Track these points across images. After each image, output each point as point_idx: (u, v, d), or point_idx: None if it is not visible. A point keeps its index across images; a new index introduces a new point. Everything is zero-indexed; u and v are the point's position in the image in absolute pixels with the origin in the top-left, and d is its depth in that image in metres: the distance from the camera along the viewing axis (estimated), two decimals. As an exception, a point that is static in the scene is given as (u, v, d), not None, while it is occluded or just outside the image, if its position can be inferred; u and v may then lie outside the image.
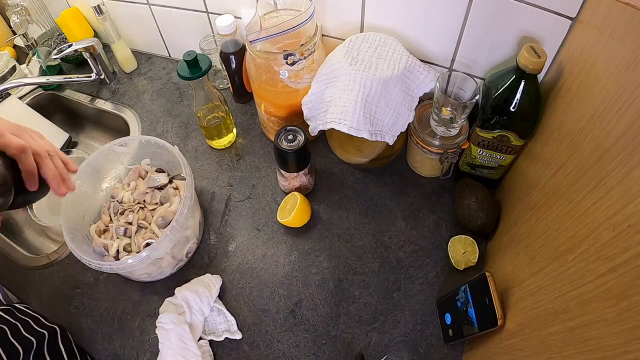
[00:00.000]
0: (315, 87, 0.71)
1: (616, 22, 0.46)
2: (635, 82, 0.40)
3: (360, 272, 0.70)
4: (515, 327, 0.50)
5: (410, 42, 0.74)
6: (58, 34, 1.05)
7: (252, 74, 0.75)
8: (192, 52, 0.72)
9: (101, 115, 1.03)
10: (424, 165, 0.78)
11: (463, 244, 0.70)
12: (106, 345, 0.66)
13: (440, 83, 0.66)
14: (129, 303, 0.70)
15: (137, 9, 0.95)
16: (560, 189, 0.50)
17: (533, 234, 0.55)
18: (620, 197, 0.37)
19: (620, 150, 0.39)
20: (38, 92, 1.04)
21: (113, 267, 0.60)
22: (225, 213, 0.79)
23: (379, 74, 0.66)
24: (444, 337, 0.63)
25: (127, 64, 1.04)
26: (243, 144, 0.89)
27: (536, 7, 0.59)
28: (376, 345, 0.64)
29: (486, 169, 0.74)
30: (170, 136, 0.92)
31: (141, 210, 0.72)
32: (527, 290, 0.50)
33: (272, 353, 0.64)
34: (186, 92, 0.99)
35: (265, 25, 0.72)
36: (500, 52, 0.68)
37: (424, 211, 0.76)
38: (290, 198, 0.75)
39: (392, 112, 0.68)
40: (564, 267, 0.43)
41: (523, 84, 0.60)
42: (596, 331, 0.35)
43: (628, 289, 0.32)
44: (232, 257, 0.73)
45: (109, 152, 0.73)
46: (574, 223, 0.44)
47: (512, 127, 0.64)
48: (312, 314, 0.67)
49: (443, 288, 0.68)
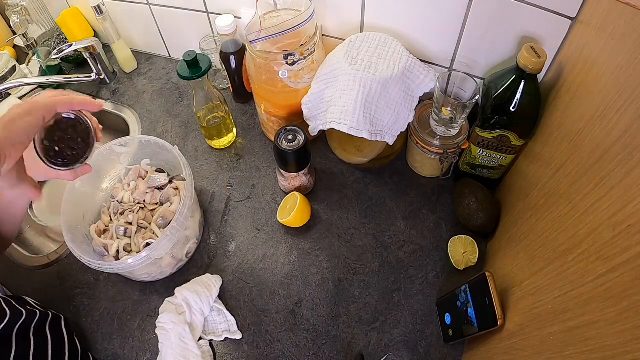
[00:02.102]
0: (315, 87, 0.71)
1: (616, 22, 0.46)
2: (635, 82, 0.40)
3: (360, 272, 0.70)
4: (515, 327, 0.50)
5: (410, 42, 0.74)
6: (58, 34, 1.05)
7: (252, 74, 0.75)
8: (192, 52, 0.72)
9: (101, 115, 1.02)
10: (424, 165, 0.78)
11: (463, 244, 0.70)
12: (106, 345, 0.66)
13: (440, 83, 0.66)
14: (129, 303, 0.70)
15: (137, 9, 0.95)
16: (560, 189, 0.50)
17: (533, 234, 0.55)
18: (620, 197, 0.37)
19: (620, 150, 0.39)
20: (38, 92, 1.04)
21: (113, 267, 0.60)
22: (225, 213, 0.79)
23: (379, 74, 0.65)
24: (444, 337, 0.63)
25: (127, 64, 1.04)
26: (243, 144, 0.89)
27: (536, 7, 0.59)
28: (376, 345, 0.64)
29: (486, 169, 0.74)
30: (170, 136, 0.92)
31: (141, 211, 0.72)
32: (527, 290, 0.50)
33: (272, 353, 0.64)
34: (186, 92, 0.99)
35: (265, 25, 0.72)
36: (500, 52, 0.68)
37: (424, 211, 0.76)
38: (290, 198, 0.75)
39: (392, 112, 0.68)
40: (564, 267, 0.43)
41: (523, 84, 0.60)
42: (596, 331, 0.35)
43: (628, 289, 0.32)
44: (232, 257, 0.73)
45: (109, 152, 0.73)
46: (574, 223, 0.44)
47: (512, 127, 0.64)
48: (312, 314, 0.67)
49: (443, 288, 0.68)
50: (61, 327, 0.62)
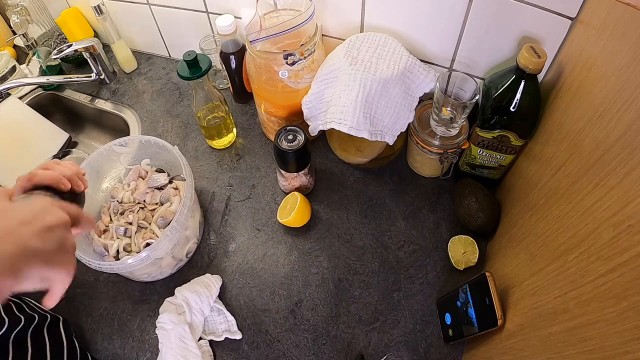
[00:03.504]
0: (315, 87, 0.71)
1: (616, 22, 0.46)
2: (635, 82, 0.40)
3: (360, 272, 0.70)
4: (515, 327, 0.50)
5: (410, 42, 0.74)
6: (58, 34, 1.05)
7: (252, 74, 0.75)
8: (192, 52, 0.72)
9: (101, 115, 1.03)
10: (424, 165, 0.78)
11: (463, 244, 0.70)
12: (106, 345, 0.66)
13: (440, 83, 0.66)
14: (129, 303, 0.70)
15: (137, 9, 0.95)
16: (560, 189, 0.50)
17: (533, 234, 0.55)
18: (620, 197, 0.37)
19: (620, 150, 0.39)
20: (38, 92, 1.04)
21: (113, 267, 0.60)
22: (225, 213, 0.79)
23: (379, 74, 0.65)
24: (444, 337, 0.63)
25: (127, 64, 1.04)
26: (243, 144, 0.89)
27: (536, 7, 0.59)
28: (376, 345, 0.64)
29: (486, 169, 0.74)
30: (170, 136, 0.92)
31: (141, 211, 0.72)
32: (527, 290, 0.50)
33: (272, 353, 0.64)
34: (186, 92, 0.99)
35: (265, 25, 0.72)
36: (500, 52, 0.68)
37: (424, 211, 0.76)
38: (290, 198, 0.75)
39: (392, 112, 0.68)
40: (564, 267, 0.43)
41: (523, 84, 0.60)
42: (596, 331, 0.35)
43: (628, 289, 0.32)
44: (232, 257, 0.73)
45: (109, 152, 0.73)
46: (574, 223, 0.44)
47: (512, 127, 0.64)
48: (312, 314, 0.67)
49: (443, 288, 0.68)
50: (59, 329, 0.62)
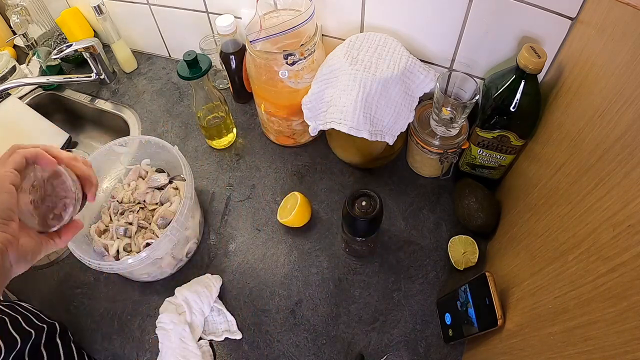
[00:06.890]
0: (315, 87, 0.71)
1: (616, 22, 0.46)
2: (635, 82, 0.40)
3: (360, 272, 0.70)
4: (515, 327, 0.50)
5: (410, 42, 0.74)
6: (58, 34, 1.05)
7: (252, 74, 0.75)
8: (192, 52, 0.72)
9: (101, 115, 1.02)
10: (424, 165, 0.78)
11: (463, 244, 0.70)
12: (106, 345, 0.66)
13: (440, 83, 0.66)
14: (129, 303, 0.70)
15: (137, 9, 0.95)
16: (560, 189, 0.50)
17: (533, 234, 0.55)
18: (620, 197, 0.37)
19: (620, 150, 0.39)
20: (38, 92, 1.04)
21: (113, 267, 0.60)
22: (225, 213, 0.79)
23: (379, 74, 0.65)
24: (444, 337, 0.63)
25: (127, 64, 1.04)
26: (243, 144, 0.89)
27: (536, 7, 0.59)
28: (376, 345, 0.64)
29: (486, 169, 0.74)
30: (170, 136, 0.92)
31: (141, 211, 0.72)
32: (527, 290, 0.50)
33: (272, 353, 0.64)
34: (186, 92, 0.99)
35: (265, 25, 0.72)
36: (500, 52, 0.68)
37: (424, 211, 0.76)
38: (290, 198, 0.75)
39: (392, 112, 0.68)
40: (564, 267, 0.43)
41: (523, 84, 0.60)
42: (596, 331, 0.35)
43: (628, 289, 0.32)
44: (232, 257, 0.73)
45: (109, 152, 0.73)
46: (574, 223, 0.44)
47: (512, 127, 0.64)
48: (312, 314, 0.67)
49: (443, 288, 0.68)
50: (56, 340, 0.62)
